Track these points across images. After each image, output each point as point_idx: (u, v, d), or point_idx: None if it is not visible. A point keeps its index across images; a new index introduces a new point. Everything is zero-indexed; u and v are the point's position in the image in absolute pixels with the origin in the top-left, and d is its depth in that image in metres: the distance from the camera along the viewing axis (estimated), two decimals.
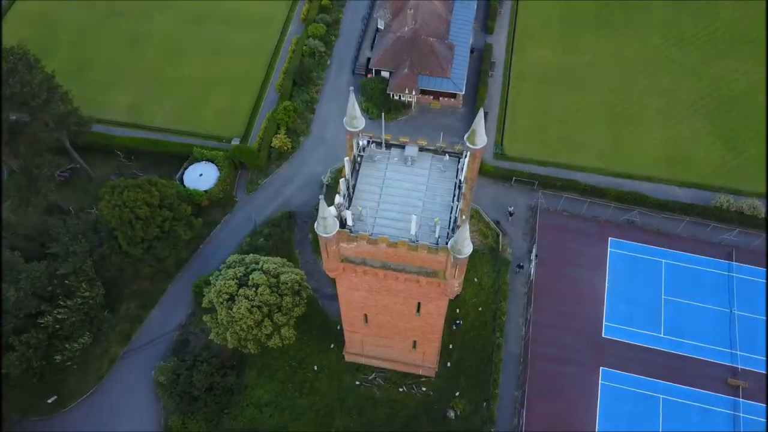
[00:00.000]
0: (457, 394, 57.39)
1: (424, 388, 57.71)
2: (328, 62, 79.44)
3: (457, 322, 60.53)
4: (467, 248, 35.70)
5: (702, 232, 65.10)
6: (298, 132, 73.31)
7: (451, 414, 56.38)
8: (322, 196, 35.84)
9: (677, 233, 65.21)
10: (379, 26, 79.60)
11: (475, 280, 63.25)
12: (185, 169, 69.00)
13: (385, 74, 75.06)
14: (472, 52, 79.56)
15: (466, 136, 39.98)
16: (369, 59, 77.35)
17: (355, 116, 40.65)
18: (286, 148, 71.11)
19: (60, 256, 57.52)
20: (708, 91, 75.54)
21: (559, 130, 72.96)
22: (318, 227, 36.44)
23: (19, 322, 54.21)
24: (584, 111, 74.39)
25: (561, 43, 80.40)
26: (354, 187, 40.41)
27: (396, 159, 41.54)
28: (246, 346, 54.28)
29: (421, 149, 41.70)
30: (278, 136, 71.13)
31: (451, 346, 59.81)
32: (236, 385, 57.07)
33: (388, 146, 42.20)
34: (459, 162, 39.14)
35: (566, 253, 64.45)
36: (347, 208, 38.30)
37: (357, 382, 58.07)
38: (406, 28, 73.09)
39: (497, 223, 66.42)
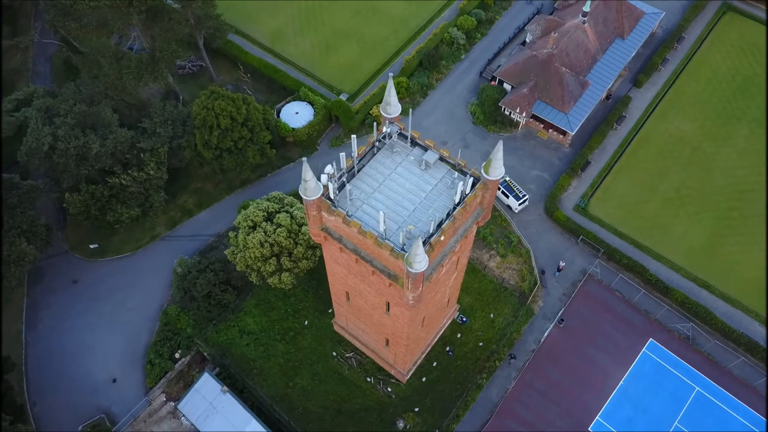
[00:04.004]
0: (417, 409, 56.53)
1: (389, 389, 57.57)
2: (462, 56, 78.81)
3: (449, 351, 59.19)
4: (417, 264, 34.96)
5: (756, 379, 56.99)
6: (402, 110, 73.88)
7: (401, 424, 55.84)
8: (305, 159, 36.81)
9: (728, 368, 57.66)
10: (526, 39, 77.28)
11: (491, 315, 61.04)
12: (287, 102, 73.17)
13: (507, 87, 73.12)
14: (607, 98, 74.70)
15: (483, 165, 38.56)
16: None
17: (390, 103, 41.10)
18: (382, 119, 72.35)
19: (147, 132, 64.40)
20: None
21: (657, 210, 66.70)
22: (300, 188, 37.63)
23: (92, 173, 61.89)
24: (695, 201, 67.15)
25: (709, 123, 72.58)
26: (361, 169, 40.85)
27: (413, 158, 41.22)
28: (250, 274, 57.55)
29: (441, 158, 40.93)
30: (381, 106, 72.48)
31: (435, 364, 58.76)
32: (232, 304, 60.95)
33: (413, 143, 41.93)
34: (461, 183, 37.80)
35: (595, 332, 59.82)
36: (338, 184, 38.95)
37: (334, 353, 59.34)
38: (545, 51, 70.28)
39: (542, 272, 63.07)
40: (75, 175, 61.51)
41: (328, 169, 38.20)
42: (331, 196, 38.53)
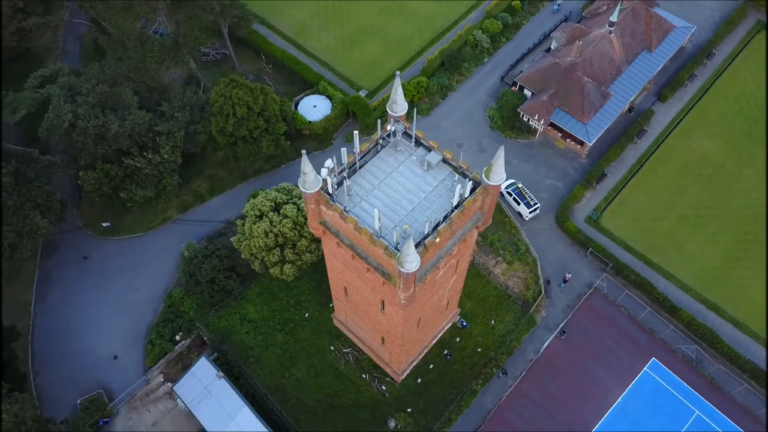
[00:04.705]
0: (409, 410, 56.39)
1: (383, 387, 57.52)
2: (485, 60, 78.19)
3: (447, 354, 58.92)
4: (408, 264, 34.83)
5: (758, 407, 55.56)
6: (419, 109, 73.97)
7: (392, 423, 55.77)
8: (304, 151, 36.90)
9: (731, 394, 56.32)
10: (552, 46, 76.38)
11: (492, 322, 60.56)
12: (306, 95, 73.49)
13: (528, 93, 72.38)
14: (630, 110, 73.41)
15: (484, 170, 38.18)
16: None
17: (396, 101, 40.91)
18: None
19: (165, 115, 65.26)
20: None
21: (672, 228, 65.36)
22: (299, 181, 37.77)
23: (109, 153, 62.90)
24: (712, 221, 65.65)
25: (734, 143, 70.82)
26: (363, 165, 40.82)
27: (415, 158, 41.01)
28: (254, 262, 57.97)
29: (444, 160, 40.66)
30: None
31: (431, 366, 58.53)
32: (235, 291, 61.48)
33: (417, 143, 41.71)
34: (459, 187, 37.42)
35: (597, 346, 58.94)
36: (337, 179, 38.98)
37: (332, 348, 59.48)
38: (568, 59, 69.37)
39: (547, 282, 62.33)
40: (92, 154, 62.57)
41: (328, 163, 38.25)
42: (330, 190, 38.59)
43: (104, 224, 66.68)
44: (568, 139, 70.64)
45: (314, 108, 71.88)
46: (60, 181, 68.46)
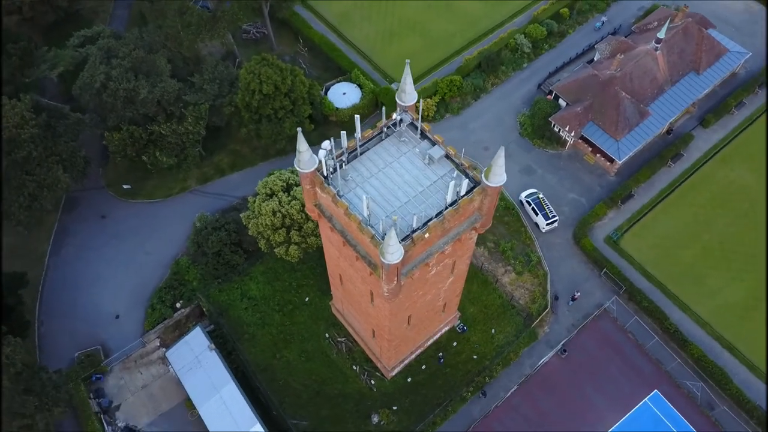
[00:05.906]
0: (395, 408, 55.52)
1: (372, 381, 56.79)
2: (524, 65, 76.31)
3: (441, 357, 57.74)
4: (390, 255, 34.06)
5: None
6: (449, 108, 72.82)
7: (375, 419, 54.99)
8: (299, 129, 36.51)
9: None
10: (595, 57, 73.94)
11: (492, 331, 59.08)
12: (337, 81, 73.28)
13: (563, 104, 70.31)
14: (669, 132, 70.43)
15: (484, 170, 36.99)
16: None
17: (405, 90, 40.13)
18: (426, 114, 71.31)
19: (195, 86, 66.03)
20: None
21: (695, 259, 62.34)
22: (294, 160, 37.45)
23: (135, 116, 64.02)
24: (739, 257, 62.30)
25: None
26: (364, 152, 40.17)
27: (418, 151, 40.10)
28: (260, 240, 58.05)
29: (447, 156, 39.62)
30: (429, 101, 71.38)
31: (423, 367, 57.51)
32: (240, 267, 61.76)
33: (423, 136, 40.78)
34: (453, 183, 36.23)
35: (598, 369, 56.75)
36: (335, 162, 38.47)
37: (326, 335, 59.11)
38: (607, 72, 67.00)
39: (555, 298, 60.38)
40: (120, 116, 63.82)
41: (326, 144, 37.78)
42: (325, 172, 38.10)
43: (125, 186, 68.01)
44: (598, 155, 68.26)
45: (344, 95, 71.65)
46: (89, 141, 70.15)
